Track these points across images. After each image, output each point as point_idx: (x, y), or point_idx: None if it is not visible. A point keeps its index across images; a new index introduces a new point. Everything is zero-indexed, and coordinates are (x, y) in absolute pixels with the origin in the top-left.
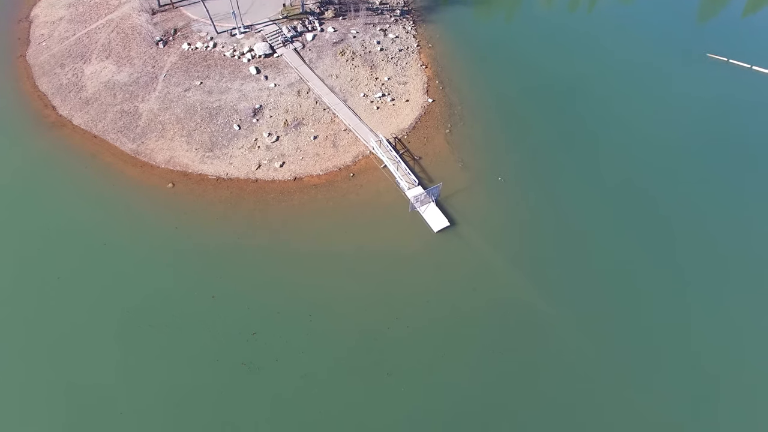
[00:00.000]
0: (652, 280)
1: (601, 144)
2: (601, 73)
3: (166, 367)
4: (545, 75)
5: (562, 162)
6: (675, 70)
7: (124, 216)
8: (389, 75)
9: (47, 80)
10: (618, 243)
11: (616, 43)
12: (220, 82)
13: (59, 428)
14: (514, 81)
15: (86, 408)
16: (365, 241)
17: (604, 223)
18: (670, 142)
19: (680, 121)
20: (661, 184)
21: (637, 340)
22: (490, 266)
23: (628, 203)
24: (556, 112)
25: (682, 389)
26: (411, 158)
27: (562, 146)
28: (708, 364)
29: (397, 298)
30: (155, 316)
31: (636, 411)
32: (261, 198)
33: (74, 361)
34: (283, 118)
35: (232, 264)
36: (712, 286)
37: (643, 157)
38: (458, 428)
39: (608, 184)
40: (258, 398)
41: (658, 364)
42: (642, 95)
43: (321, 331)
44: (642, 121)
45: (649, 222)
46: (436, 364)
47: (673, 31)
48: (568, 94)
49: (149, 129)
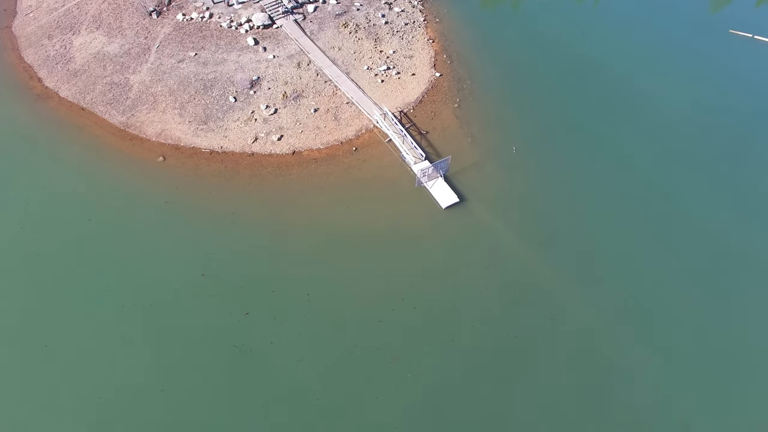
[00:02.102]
0: (677, 262)
1: (618, 121)
2: (617, 48)
3: (149, 349)
4: (559, 51)
5: (576, 138)
6: (695, 46)
7: (110, 190)
8: (394, 48)
9: (33, 52)
10: (637, 222)
11: (632, 19)
12: (216, 54)
13: (31, 412)
14: (526, 56)
15: (60, 393)
16: (368, 217)
17: (621, 201)
18: (691, 119)
19: (702, 98)
20: (683, 162)
21: (663, 321)
22: (503, 244)
23: (646, 181)
24: (570, 87)
25: (706, 367)
26: (417, 133)
27: (576, 122)
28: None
29: (403, 277)
30: (138, 294)
31: (664, 396)
32: (257, 172)
33: (49, 340)
34: (282, 90)
35: (225, 240)
36: (735, 270)
37: (662, 134)
38: (469, 418)
39: (625, 162)
40: (250, 383)
41: (684, 347)
42: (661, 71)
43: (319, 312)
44: (661, 97)
45: (670, 201)
46: (446, 349)
47: (692, 6)
48: (582, 70)
49: (140, 101)
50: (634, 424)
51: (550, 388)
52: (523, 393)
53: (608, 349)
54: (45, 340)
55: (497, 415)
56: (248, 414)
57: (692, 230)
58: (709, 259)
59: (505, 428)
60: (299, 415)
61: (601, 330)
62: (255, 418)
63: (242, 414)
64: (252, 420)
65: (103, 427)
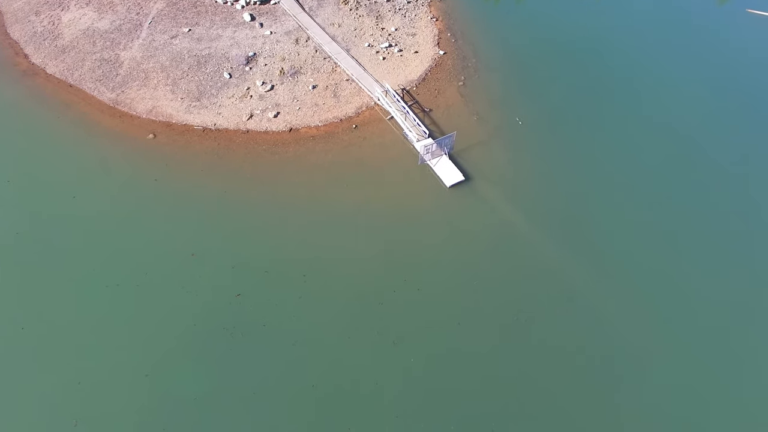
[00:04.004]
0: (698, 245)
1: (629, 101)
2: (627, 27)
3: (133, 333)
4: (567, 29)
5: (586, 117)
6: (710, 24)
7: (97, 167)
8: (396, 26)
9: (20, 27)
10: (649, 203)
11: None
12: (211, 30)
13: (5, 398)
14: (533, 35)
15: (37, 378)
16: (369, 195)
17: (632, 182)
18: (706, 100)
19: (717, 79)
20: (696, 143)
21: (681, 306)
22: (511, 224)
23: (658, 162)
24: (578, 67)
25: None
26: (420, 110)
27: (585, 102)
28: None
29: (405, 257)
30: (123, 274)
31: (683, 383)
32: (252, 150)
33: (26, 322)
34: (279, 66)
35: (216, 219)
36: (760, 250)
37: (675, 114)
38: (475, 406)
39: (635, 142)
40: (241, 368)
41: (702, 330)
42: (673, 50)
43: (316, 293)
44: (674, 77)
45: (683, 180)
46: (451, 333)
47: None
48: (591, 49)
49: (131, 78)
50: (647, 410)
51: (562, 374)
52: (534, 380)
53: (622, 333)
54: (22, 322)
55: (506, 403)
56: (238, 402)
57: (708, 211)
58: (726, 240)
59: (515, 417)
60: (293, 403)
61: (614, 313)
62: (246, 406)
63: (232, 402)
64: (242, 408)
65: (82, 414)
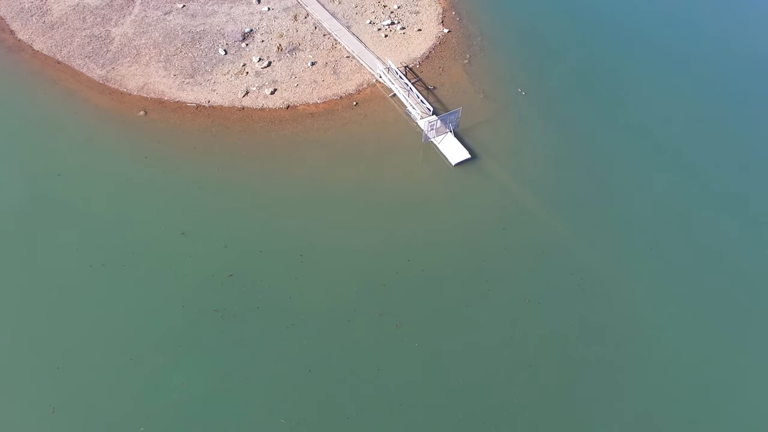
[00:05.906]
0: (706, 222)
1: (638, 78)
2: (636, 3)
3: (118, 314)
4: (575, 6)
5: (596, 94)
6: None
7: (84, 145)
8: (399, 4)
9: (6, 3)
10: (659, 180)
11: None
12: (206, 5)
13: None
14: (540, 13)
15: (14, 361)
16: (370, 173)
17: (642, 160)
18: (722, 74)
19: (732, 50)
20: (710, 118)
21: (690, 286)
22: (518, 203)
23: (669, 140)
24: (587, 43)
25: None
26: (424, 88)
27: (594, 79)
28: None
29: (409, 237)
30: (109, 254)
31: (691, 365)
32: (247, 127)
33: (7, 301)
34: (277, 42)
35: (209, 197)
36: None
37: (687, 90)
38: (482, 390)
39: (645, 120)
40: (232, 353)
41: (713, 308)
42: (687, 24)
43: (314, 274)
44: (688, 52)
45: (695, 157)
46: (456, 316)
47: None
48: (601, 27)
49: (121, 54)
50: (662, 395)
51: (575, 358)
52: (542, 367)
53: (638, 314)
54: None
55: (516, 392)
56: (229, 388)
57: (729, 188)
58: (742, 219)
59: (522, 404)
60: (288, 390)
61: (627, 295)
62: (237, 393)
63: (222, 388)
64: (233, 395)
65: (60, 401)
